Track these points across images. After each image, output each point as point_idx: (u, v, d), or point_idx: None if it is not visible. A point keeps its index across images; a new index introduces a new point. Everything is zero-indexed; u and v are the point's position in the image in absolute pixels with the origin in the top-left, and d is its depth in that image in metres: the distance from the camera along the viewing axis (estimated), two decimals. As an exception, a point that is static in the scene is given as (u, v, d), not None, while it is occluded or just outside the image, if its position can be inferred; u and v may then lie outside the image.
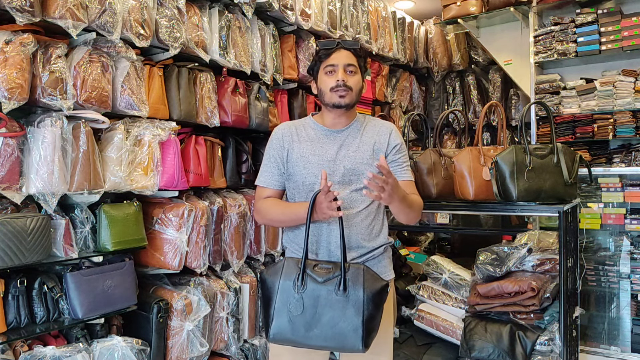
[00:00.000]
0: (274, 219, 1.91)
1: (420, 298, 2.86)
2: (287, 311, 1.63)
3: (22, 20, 1.75)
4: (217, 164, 2.59)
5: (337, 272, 1.65)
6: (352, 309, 1.60)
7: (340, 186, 1.81)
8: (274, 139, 1.91)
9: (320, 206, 1.68)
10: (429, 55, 4.64)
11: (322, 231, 1.80)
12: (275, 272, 1.70)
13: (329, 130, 1.87)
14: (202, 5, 2.55)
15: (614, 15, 3.51)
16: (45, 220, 1.86)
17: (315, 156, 1.83)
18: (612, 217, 3.20)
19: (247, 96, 2.74)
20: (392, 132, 1.90)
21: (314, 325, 1.61)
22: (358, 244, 1.81)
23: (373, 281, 1.65)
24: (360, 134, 1.87)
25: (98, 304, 2.01)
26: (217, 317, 2.45)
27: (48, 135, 1.85)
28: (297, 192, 1.86)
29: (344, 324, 1.60)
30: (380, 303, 1.66)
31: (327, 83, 1.82)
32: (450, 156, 2.64)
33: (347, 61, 1.82)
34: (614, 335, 3.19)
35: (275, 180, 1.89)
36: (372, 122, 1.93)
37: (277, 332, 1.64)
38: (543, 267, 2.53)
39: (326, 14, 3.22)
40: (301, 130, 1.89)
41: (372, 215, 1.85)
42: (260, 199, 1.91)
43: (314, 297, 1.63)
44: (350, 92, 1.81)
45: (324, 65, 1.83)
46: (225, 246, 2.54)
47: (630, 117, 3.53)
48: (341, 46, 1.83)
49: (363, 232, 1.81)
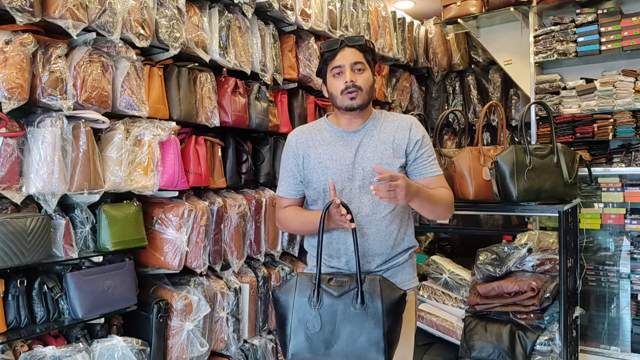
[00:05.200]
0: (294, 229, 1.89)
1: (420, 298, 2.86)
2: (304, 329, 1.58)
3: (22, 20, 1.75)
4: (217, 164, 2.59)
5: (353, 285, 1.60)
6: (372, 322, 1.55)
7: (361, 191, 1.72)
8: (288, 147, 1.84)
9: (333, 218, 1.63)
10: (429, 55, 4.64)
11: (340, 238, 1.74)
12: (288, 290, 1.65)
13: (344, 132, 1.79)
14: (202, 5, 2.55)
15: (614, 15, 3.50)
16: (45, 220, 1.85)
17: (332, 161, 1.75)
18: (612, 217, 3.20)
19: (247, 96, 2.74)
20: (412, 127, 1.79)
21: (334, 342, 1.56)
22: (382, 251, 1.73)
23: (390, 291, 1.60)
24: (378, 132, 1.77)
25: (98, 304, 2.01)
26: (217, 317, 2.45)
27: (48, 135, 1.85)
28: (317, 198, 1.79)
29: (364, 337, 1.55)
30: (399, 313, 1.61)
31: (337, 86, 1.74)
32: (450, 156, 2.64)
33: (354, 59, 1.72)
34: (614, 335, 3.19)
35: (292, 190, 1.84)
36: (390, 118, 1.82)
37: (295, 351, 1.59)
38: (543, 267, 2.53)
39: (326, 14, 3.22)
40: (316, 134, 1.82)
41: (399, 218, 1.76)
42: (280, 209, 1.87)
43: (331, 312, 1.58)
44: (360, 92, 1.72)
45: (330, 68, 1.75)
46: (225, 246, 2.54)
47: (630, 117, 3.53)
48: (345, 44, 1.74)
49: (388, 237, 1.74)
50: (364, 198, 1.72)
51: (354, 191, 1.72)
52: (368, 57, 1.77)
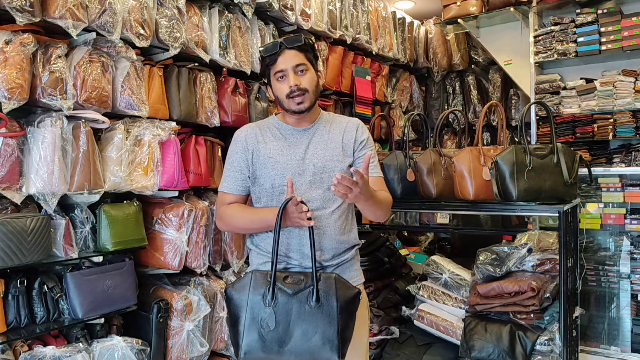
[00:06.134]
0: (240, 226, 1.84)
1: (420, 298, 2.86)
2: (257, 327, 1.58)
3: (22, 20, 1.75)
4: (217, 164, 2.59)
5: (309, 283, 1.60)
6: (326, 320, 1.56)
7: (311, 186, 1.75)
8: (237, 142, 1.84)
9: (291, 215, 1.63)
10: (429, 55, 4.64)
11: (292, 234, 1.74)
12: (242, 288, 1.64)
13: (295, 129, 1.82)
14: (202, 5, 2.55)
15: (614, 15, 3.51)
16: (45, 220, 1.85)
17: (283, 156, 1.77)
18: (612, 217, 3.20)
19: (247, 96, 2.74)
20: (358, 128, 1.86)
21: (287, 341, 1.56)
22: (332, 245, 1.76)
23: (345, 290, 1.61)
24: (327, 132, 1.83)
25: (98, 304, 2.01)
26: (217, 317, 2.45)
27: (48, 135, 1.85)
28: (264, 195, 1.80)
29: (318, 336, 1.55)
30: (353, 311, 1.62)
31: (282, 90, 1.75)
32: (450, 156, 2.64)
33: (295, 61, 1.74)
34: (614, 335, 3.19)
35: (238, 186, 1.84)
36: (338, 119, 1.89)
37: (248, 350, 1.58)
38: (543, 267, 2.53)
39: (326, 14, 3.22)
40: (266, 131, 1.84)
41: (344, 214, 1.81)
42: (222, 205, 1.85)
43: (285, 310, 1.58)
44: (307, 94, 1.75)
45: (273, 72, 1.76)
46: (225, 246, 2.54)
47: (630, 117, 3.53)
48: (284, 47, 1.74)
49: (337, 231, 1.77)
50: (314, 193, 1.75)
51: (304, 186, 1.75)
52: (309, 55, 1.79)
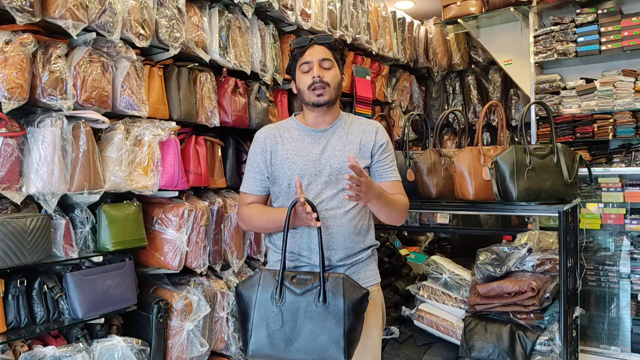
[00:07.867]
0: (258, 226, 1.88)
1: (420, 298, 2.86)
2: (265, 325, 1.60)
3: (22, 20, 1.75)
4: (217, 164, 2.59)
5: (316, 283, 1.61)
6: (333, 320, 1.57)
7: (327, 186, 1.77)
8: (256, 143, 1.87)
9: (299, 216, 1.65)
10: (429, 55, 4.64)
11: (304, 234, 1.76)
12: (251, 286, 1.67)
13: (312, 130, 1.84)
14: (202, 5, 2.55)
15: (614, 15, 3.51)
16: (45, 220, 1.85)
17: (300, 157, 1.79)
18: (612, 217, 3.20)
19: (247, 96, 2.74)
20: (378, 131, 1.87)
21: (294, 339, 1.58)
22: (346, 245, 1.77)
23: (353, 290, 1.61)
24: (346, 133, 1.84)
25: (98, 304, 2.01)
26: (217, 317, 2.45)
27: (48, 135, 1.85)
28: (282, 194, 1.82)
29: (325, 336, 1.57)
30: (361, 312, 1.63)
31: (304, 81, 1.78)
32: (450, 156, 2.64)
33: (322, 56, 1.78)
34: (614, 335, 3.19)
35: (258, 186, 1.86)
36: (357, 121, 1.90)
37: (256, 347, 1.61)
38: (543, 267, 2.53)
39: (326, 14, 3.22)
40: (284, 132, 1.86)
41: (360, 215, 1.82)
42: (243, 205, 1.88)
43: (293, 309, 1.60)
44: (327, 88, 1.77)
45: (299, 64, 1.80)
46: (225, 246, 2.54)
47: (630, 117, 3.53)
48: (314, 42, 1.79)
49: (351, 231, 1.78)
50: (329, 193, 1.77)
51: (320, 186, 1.77)
52: (337, 55, 1.83)
